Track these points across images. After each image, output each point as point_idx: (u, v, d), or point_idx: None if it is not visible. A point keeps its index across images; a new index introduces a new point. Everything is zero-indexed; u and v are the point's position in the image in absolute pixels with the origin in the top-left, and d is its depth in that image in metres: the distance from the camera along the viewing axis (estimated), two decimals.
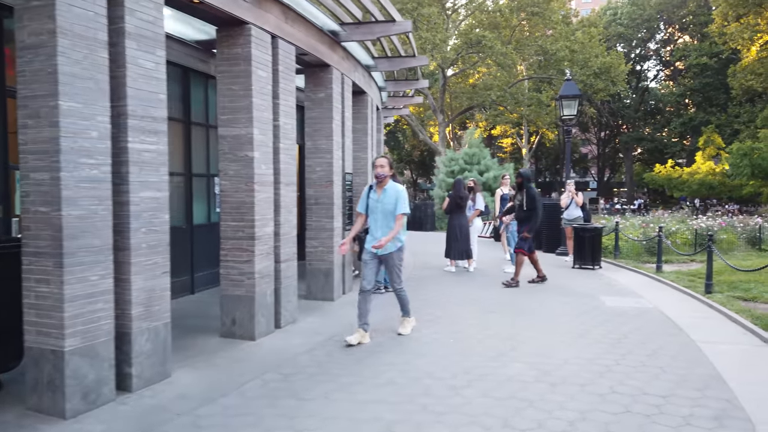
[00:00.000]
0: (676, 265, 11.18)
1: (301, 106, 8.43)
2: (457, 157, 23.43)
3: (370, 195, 5.80)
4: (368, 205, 5.81)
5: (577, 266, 11.14)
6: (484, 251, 13.66)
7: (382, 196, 5.70)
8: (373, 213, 5.76)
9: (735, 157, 23.11)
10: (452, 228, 10.42)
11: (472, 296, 8.08)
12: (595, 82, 29.14)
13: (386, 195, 5.70)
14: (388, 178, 5.75)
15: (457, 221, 10.45)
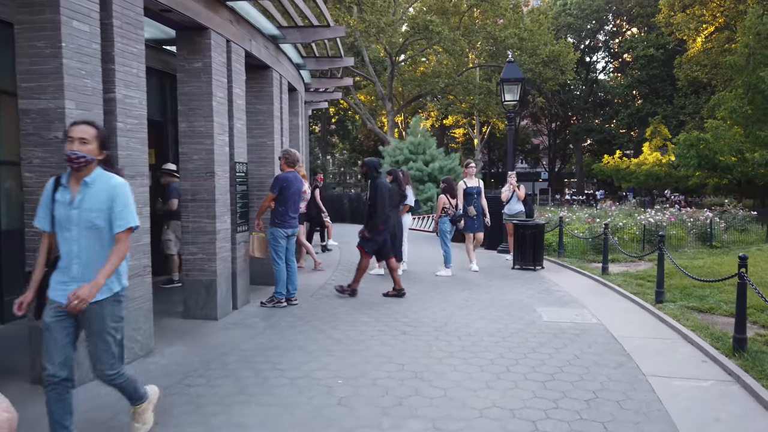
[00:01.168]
0: (624, 264, 10.13)
1: None
2: (402, 146, 22.09)
3: (57, 196, 3.05)
4: (54, 216, 3.04)
5: (518, 267, 9.96)
6: (428, 249, 12.38)
7: (80, 197, 3.02)
8: (65, 228, 3.02)
9: (682, 148, 22.56)
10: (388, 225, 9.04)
11: (386, 309, 6.73)
12: (544, 71, 28.25)
13: (89, 194, 3.02)
14: (95, 162, 3.06)
15: (394, 218, 9.08)
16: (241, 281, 6.79)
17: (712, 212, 13.24)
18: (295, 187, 6.77)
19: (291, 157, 6.78)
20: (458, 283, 8.52)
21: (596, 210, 16.33)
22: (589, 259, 10.70)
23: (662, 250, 6.93)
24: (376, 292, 7.77)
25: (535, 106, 54.70)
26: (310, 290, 7.88)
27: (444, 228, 9.32)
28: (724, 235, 11.87)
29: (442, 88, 29.22)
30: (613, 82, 51.39)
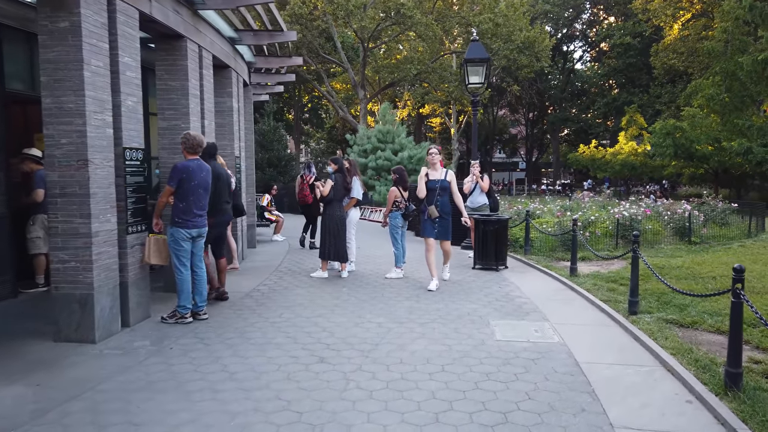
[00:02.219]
0: (595, 264, 9.06)
1: None
2: (370, 134, 20.86)
3: None
4: None
5: (479, 266, 8.85)
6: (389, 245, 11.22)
7: None
8: None
9: (658, 136, 21.63)
10: (330, 221, 7.85)
11: (310, 326, 5.55)
12: (519, 58, 27.10)
13: None
14: None
15: (338, 212, 7.91)
16: (136, 292, 5.55)
17: (690, 204, 12.25)
18: (200, 178, 5.53)
19: (191, 141, 5.52)
20: (407, 288, 7.37)
21: (569, 201, 15.30)
22: (558, 257, 9.62)
23: (636, 253, 5.83)
24: (311, 303, 6.58)
25: (512, 96, 53.81)
26: (230, 299, 6.66)
27: (395, 224, 8.14)
28: (704, 230, 10.89)
29: (416, 75, 27.94)
30: (589, 72, 50.59)
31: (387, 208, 8.17)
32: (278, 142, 25.14)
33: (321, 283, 7.62)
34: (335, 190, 7.85)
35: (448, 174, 7.33)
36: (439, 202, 7.22)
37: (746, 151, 17.80)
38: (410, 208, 8.10)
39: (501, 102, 56.56)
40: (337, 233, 7.83)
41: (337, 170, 7.95)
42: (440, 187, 7.23)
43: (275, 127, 25.27)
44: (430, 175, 7.32)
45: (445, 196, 7.28)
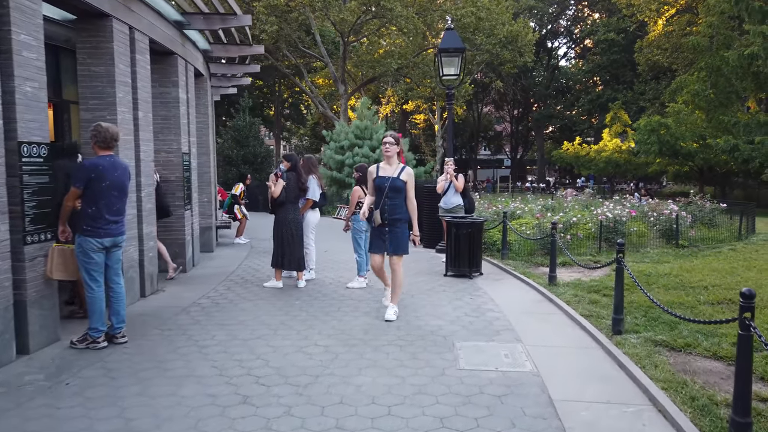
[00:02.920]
0: (577, 270, 8.32)
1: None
2: (347, 130, 20.02)
3: None
4: None
5: (451, 273, 8.08)
6: None
7: None
8: None
9: (642, 133, 21.02)
10: (283, 225, 7.02)
11: (246, 352, 4.73)
12: (502, 53, 26.36)
13: None
14: None
15: (291, 215, 7.08)
16: (39, 313, 4.69)
17: (677, 204, 11.59)
18: (113, 177, 4.68)
19: (103, 135, 4.67)
20: (368, 301, 6.57)
21: (551, 201, 14.60)
22: (537, 262, 8.88)
23: (621, 264, 5.08)
24: (254, 320, 5.76)
25: (497, 92, 53.16)
26: (163, 315, 5.83)
27: (358, 227, 7.33)
28: (692, 231, 10.21)
29: (397, 69, 27.08)
30: (574, 69, 50.12)
31: (349, 210, 7.36)
32: (254, 138, 24.23)
33: (272, 295, 6.80)
34: (287, 190, 7.02)
35: (404, 171, 5.68)
36: (387, 206, 5.63)
37: (732, 149, 17.23)
38: None
39: (486, 99, 55.98)
40: (290, 239, 7.01)
41: (290, 168, 7.12)
42: (390, 187, 5.61)
43: (251, 122, 24.36)
44: (381, 171, 5.72)
45: (398, 198, 5.68)
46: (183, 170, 7.91)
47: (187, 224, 8.07)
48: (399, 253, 5.74)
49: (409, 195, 5.72)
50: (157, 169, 7.84)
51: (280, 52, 29.54)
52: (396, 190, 5.65)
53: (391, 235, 5.67)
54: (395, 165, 5.76)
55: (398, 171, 5.70)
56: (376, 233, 5.75)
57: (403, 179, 5.67)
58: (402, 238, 5.72)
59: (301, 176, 7.12)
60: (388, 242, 5.69)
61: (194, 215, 8.51)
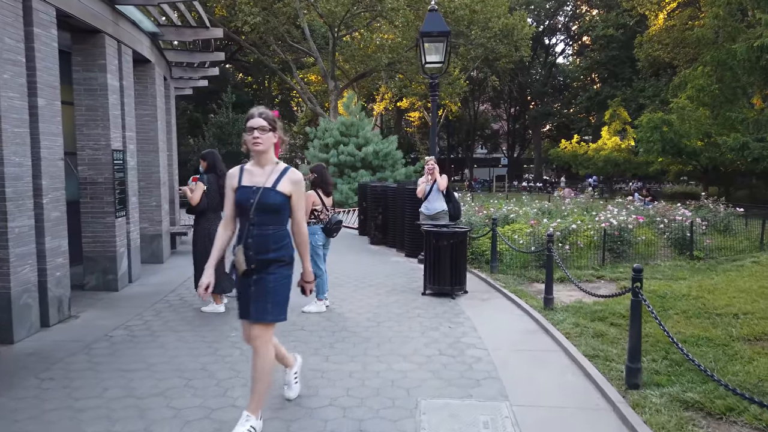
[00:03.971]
0: (576, 290, 7.04)
1: None
2: (331, 127, 18.75)
3: None
4: None
5: (430, 292, 6.83)
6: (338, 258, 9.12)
7: None
8: None
9: (644, 131, 19.76)
10: (206, 239, 5.75)
11: (136, 420, 3.47)
12: (497, 47, 25.07)
13: None
14: None
15: (214, 227, 5.81)
16: None
17: (686, 207, 10.35)
18: None
19: None
20: (324, 331, 5.32)
21: (548, 203, 13.36)
22: (531, 277, 7.62)
23: (639, 296, 3.82)
24: (167, 364, 4.50)
25: (494, 90, 51.92)
26: (56, 355, 4.56)
27: (314, 242, 6.05)
28: (707, 240, 8.96)
29: (388, 64, 25.79)
30: (571, 66, 48.91)
31: None
32: (238, 135, 22.91)
33: (207, 324, 5.54)
34: (209, 196, 5.75)
35: (286, 177, 3.16)
36: (254, 237, 3.10)
37: (742, 147, 15.99)
38: (334, 219, 6.03)
39: (482, 96, 54.76)
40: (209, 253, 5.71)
41: (209, 169, 5.87)
42: (259, 205, 3.09)
43: (235, 119, 23.07)
44: (246, 177, 3.17)
45: (273, 224, 3.15)
46: (114, 170, 6.64)
47: (120, 234, 6.80)
48: (265, 318, 3.16)
49: (296, 217, 3.23)
50: (82, 169, 6.59)
51: (268, 46, 28.26)
52: (269, 210, 3.10)
53: (258, 288, 3.13)
54: (270, 165, 3.16)
55: (275, 176, 3.13)
56: (242, 286, 3.21)
57: (282, 190, 3.12)
58: (276, 292, 3.15)
59: (221, 179, 5.82)
60: (252, 299, 3.15)
61: (132, 222, 7.25)
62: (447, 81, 28.30)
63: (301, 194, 3.23)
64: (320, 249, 6.02)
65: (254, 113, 3.12)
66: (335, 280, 7.43)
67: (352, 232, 13.63)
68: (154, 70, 8.40)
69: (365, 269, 8.58)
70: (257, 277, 3.13)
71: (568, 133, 40.81)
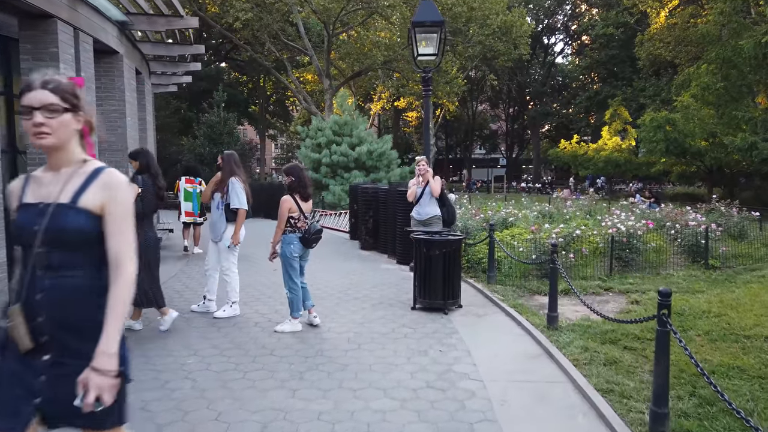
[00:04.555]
0: (581, 305, 6.34)
1: None
2: (324, 126, 18.05)
3: None
4: None
5: (419, 306, 6.14)
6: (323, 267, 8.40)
7: None
8: None
9: (647, 130, 19.07)
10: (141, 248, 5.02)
11: None
12: (495, 44, 24.37)
13: None
14: None
15: (150, 234, 5.11)
16: None
17: (697, 210, 9.65)
18: None
19: None
20: (294, 355, 4.62)
21: (548, 206, 12.67)
22: (532, 289, 6.92)
23: (668, 325, 3.12)
24: None
25: (492, 90, 51.25)
26: None
27: (288, 252, 5.32)
28: (722, 247, 8.26)
29: (384, 62, 25.10)
30: (571, 66, 48.29)
31: (277, 232, 5.32)
32: (229, 134, 22.22)
33: (160, 346, 4.84)
34: (144, 200, 5.01)
35: (93, 185, 1.83)
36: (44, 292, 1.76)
37: (750, 147, 15.30)
38: (313, 228, 5.32)
39: (480, 96, 54.11)
40: (147, 265, 5.00)
41: (142, 169, 5.13)
42: (45, 233, 1.77)
43: (226, 118, 22.35)
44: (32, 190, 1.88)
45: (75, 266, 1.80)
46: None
47: None
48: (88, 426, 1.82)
49: (112, 248, 1.84)
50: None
51: (262, 44, 27.55)
52: (66, 242, 1.80)
53: (52, 382, 1.78)
54: (70, 167, 1.86)
55: (76, 184, 1.84)
56: (10, 372, 1.79)
57: (86, 207, 1.82)
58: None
59: (158, 180, 5.10)
60: (43, 397, 1.77)
61: None
62: (444, 80, 27.63)
63: (122, 209, 1.85)
64: (295, 261, 5.31)
65: (33, 82, 1.78)
66: (317, 292, 6.72)
67: (342, 236, 12.94)
68: (122, 62, 7.69)
69: (352, 278, 7.88)
70: (52, 362, 1.78)
71: (567, 134, 40.14)
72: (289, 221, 5.27)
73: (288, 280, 5.32)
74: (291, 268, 5.28)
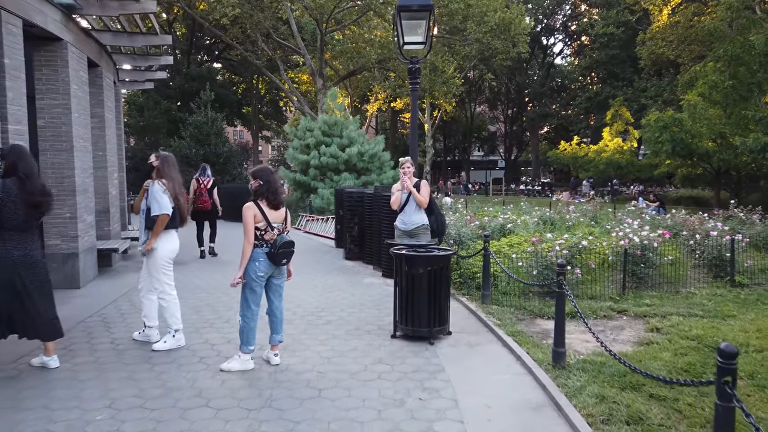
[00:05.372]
0: (593, 325, 5.37)
1: None
2: (313, 126, 17.08)
3: None
4: None
5: (401, 334, 5.16)
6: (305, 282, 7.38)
7: None
8: None
9: (652, 130, 18.10)
10: (4, 268, 4.03)
11: None
12: (493, 42, 23.38)
13: None
14: None
15: (15, 252, 4.08)
16: None
17: (714, 218, 8.68)
18: None
19: None
20: (235, 407, 3.64)
21: (549, 211, 11.69)
22: (533, 311, 5.94)
23: (733, 402, 2.16)
24: None
25: (491, 91, 50.31)
26: None
27: (252, 272, 4.30)
28: (748, 261, 7.27)
29: (378, 61, 24.13)
30: (570, 67, 47.36)
31: (246, 248, 4.26)
32: (216, 135, 21.25)
33: (22, 387, 3.86)
34: (5, 209, 3.99)
35: None
36: None
37: (763, 148, 14.33)
38: (281, 240, 4.33)
39: (479, 98, 53.19)
40: (18, 290, 4.01)
41: (8, 171, 4.11)
42: None
43: (213, 118, 21.38)
44: None
45: None
46: None
47: None
48: None
49: None
50: None
51: (254, 42, 26.59)
52: None
53: None
54: None
55: None
56: None
57: None
58: None
59: (26, 183, 4.06)
60: None
61: None
62: (441, 79, 26.70)
63: None
64: (258, 283, 4.31)
65: None
66: (285, 314, 5.74)
67: (328, 243, 11.96)
68: (66, 50, 6.71)
69: (329, 296, 6.90)
70: None
71: (567, 135, 39.19)
72: (256, 233, 4.28)
73: (243, 304, 4.34)
74: (250, 291, 4.30)
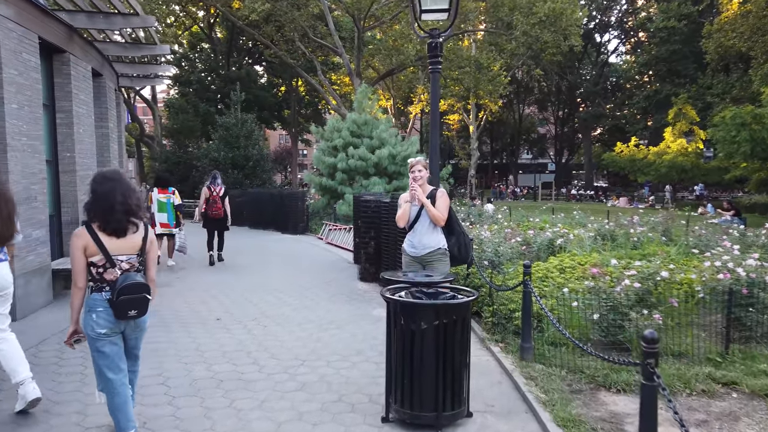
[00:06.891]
0: (677, 423, 3.47)
1: None
2: (341, 126, 15.53)
3: None
4: None
5: (395, 417, 3.44)
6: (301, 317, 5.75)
7: None
8: None
9: (727, 129, 15.63)
10: None
11: None
12: (543, 34, 21.21)
13: None
14: None
15: None
16: None
17: None
18: None
19: None
20: None
21: (608, 222, 9.68)
22: (595, 377, 4.10)
23: None
24: None
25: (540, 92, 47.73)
26: None
27: (89, 327, 2.69)
28: None
29: (417, 58, 22.41)
30: (626, 65, 44.22)
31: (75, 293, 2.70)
32: (246, 138, 20.06)
33: None
34: None
35: None
36: None
37: None
38: (122, 280, 2.70)
39: (528, 99, 50.68)
40: None
41: None
42: None
43: (243, 119, 20.23)
44: None
45: None
46: None
47: None
48: None
49: None
50: None
51: (291, 42, 25.41)
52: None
53: None
54: None
55: None
56: None
57: None
58: None
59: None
60: None
61: None
62: (487, 77, 24.74)
63: None
64: (104, 342, 2.72)
65: None
66: (249, 366, 4.12)
67: (347, 257, 10.34)
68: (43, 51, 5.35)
69: (321, 337, 5.25)
70: None
71: (622, 137, 36.28)
72: (89, 272, 2.70)
73: (98, 375, 2.78)
74: (98, 353, 2.75)
